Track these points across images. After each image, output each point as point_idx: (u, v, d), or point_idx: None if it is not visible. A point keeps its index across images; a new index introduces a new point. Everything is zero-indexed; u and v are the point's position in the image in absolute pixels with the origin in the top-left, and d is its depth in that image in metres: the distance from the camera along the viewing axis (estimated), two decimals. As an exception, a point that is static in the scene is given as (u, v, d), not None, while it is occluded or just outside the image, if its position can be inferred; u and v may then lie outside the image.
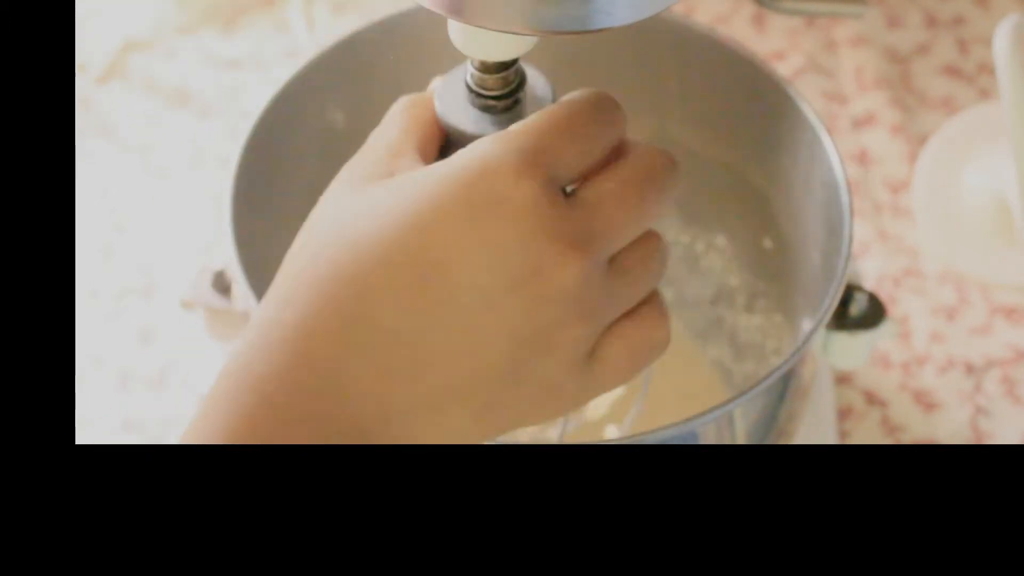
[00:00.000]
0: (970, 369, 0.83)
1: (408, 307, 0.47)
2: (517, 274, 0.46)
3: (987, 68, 0.96)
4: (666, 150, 0.50)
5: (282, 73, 0.73)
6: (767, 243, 0.78)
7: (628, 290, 0.49)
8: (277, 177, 0.74)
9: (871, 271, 0.87)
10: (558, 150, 0.48)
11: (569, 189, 0.49)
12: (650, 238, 0.50)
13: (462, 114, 0.53)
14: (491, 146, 0.47)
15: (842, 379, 0.83)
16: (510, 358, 0.47)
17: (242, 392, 0.47)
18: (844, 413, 0.82)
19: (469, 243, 0.46)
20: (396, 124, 0.53)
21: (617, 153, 0.50)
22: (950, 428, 0.81)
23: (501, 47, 0.52)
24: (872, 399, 0.83)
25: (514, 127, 0.48)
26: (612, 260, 0.49)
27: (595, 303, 0.48)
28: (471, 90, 0.54)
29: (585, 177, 0.49)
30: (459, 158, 0.48)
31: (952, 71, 0.97)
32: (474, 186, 0.46)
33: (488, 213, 0.46)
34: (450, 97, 0.53)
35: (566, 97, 0.50)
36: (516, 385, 0.48)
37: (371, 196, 0.49)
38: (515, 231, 0.46)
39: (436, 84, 0.55)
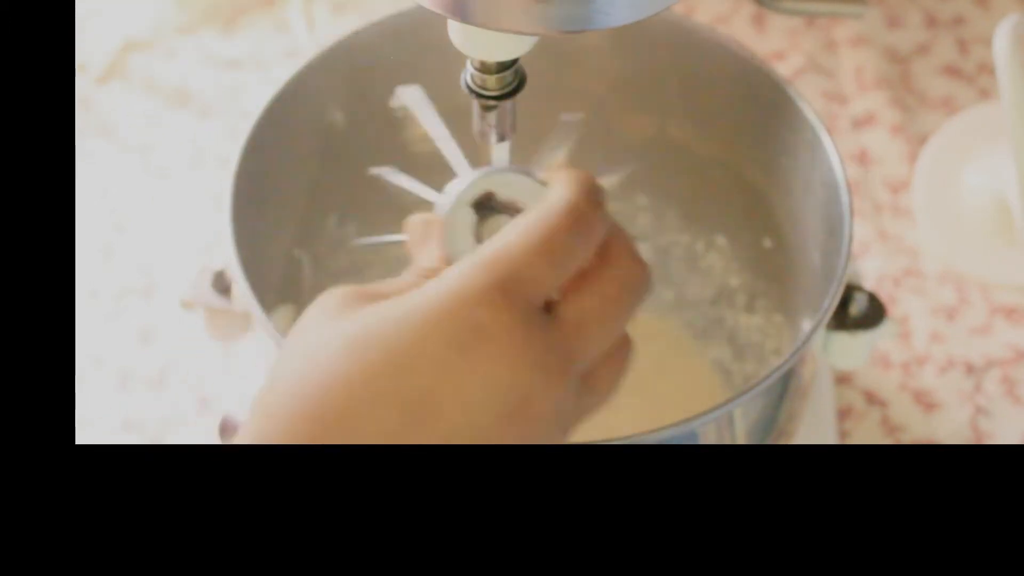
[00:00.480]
0: (970, 369, 0.83)
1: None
2: (508, 406, 0.45)
3: (987, 68, 0.96)
4: (639, 257, 0.49)
5: (282, 73, 0.73)
6: (767, 243, 0.78)
7: (597, 399, 0.49)
8: (277, 177, 0.74)
9: (871, 271, 0.87)
10: (536, 274, 0.46)
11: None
12: (622, 347, 0.49)
13: (464, 243, 0.52)
14: (469, 277, 0.46)
15: (842, 379, 0.83)
16: None
17: None
18: (844, 413, 0.82)
19: (459, 380, 0.45)
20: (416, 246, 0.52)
21: (598, 254, 0.48)
22: (950, 428, 0.81)
23: (501, 47, 0.52)
24: (872, 399, 0.83)
25: (490, 250, 0.47)
26: (584, 377, 0.48)
27: (572, 415, 0.48)
28: (471, 90, 0.54)
29: (564, 289, 0.48)
30: (437, 289, 0.46)
31: (952, 71, 0.97)
32: (457, 319, 0.45)
33: (475, 347, 0.45)
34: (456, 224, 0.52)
35: (544, 205, 0.48)
36: None
37: (357, 325, 0.46)
38: (504, 364, 0.45)
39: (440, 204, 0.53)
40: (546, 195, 0.49)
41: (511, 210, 0.51)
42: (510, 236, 0.47)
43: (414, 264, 0.52)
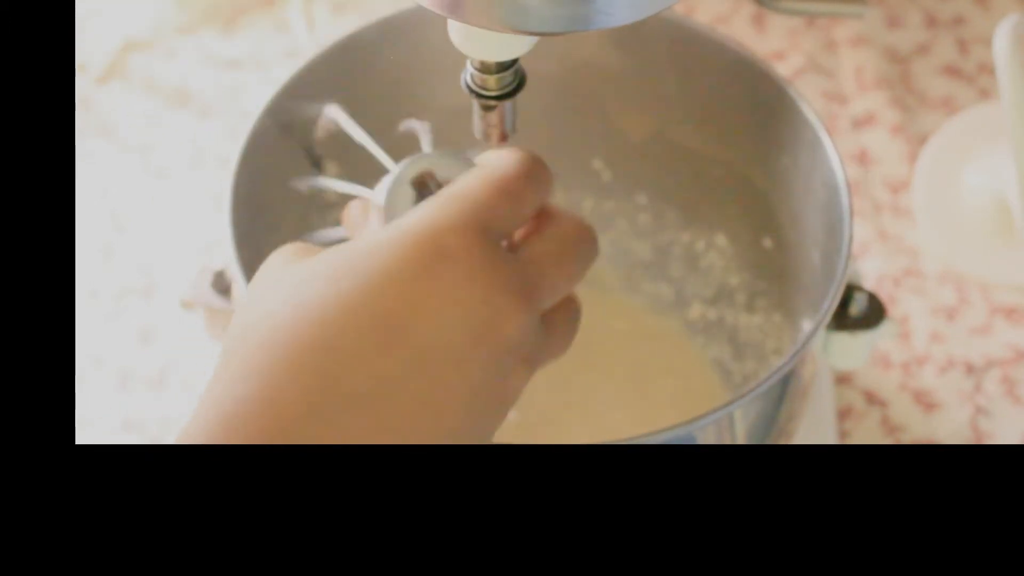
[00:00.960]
0: (970, 369, 0.83)
1: (375, 371, 0.46)
2: (476, 327, 0.47)
3: (987, 68, 0.96)
4: (585, 221, 0.52)
5: (282, 73, 0.73)
6: (767, 243, 0.78)
7: (555, 342, 0.51)
8: (277, 177, 0.74)
9: (871, 271, 0.87)
10: (496, 208, 0.49)
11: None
12: (572, 300, 0.52)
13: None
14: (436, 207, 0.48)
15: (842, 379, 0.83)
16: (467, 414, 0.47)
17: None
18: (844, 413, 0.82)
19: (432, 301, 0.46)
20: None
21: (542, 216, 0.51)
22: (950, 428, 0.81)
23: (501, 47, 0.52)
24: (872, 399, 0.83)
25: (449, 189, 0.49)
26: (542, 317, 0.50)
27: (533, 351, 0.49)
28: (471, 90, 0.54)
29: (517, 236, 0.51)
30: (406, 221, 0.48)
31: (952, 71, 0.97)
32: (427, 245, 0.47)
33: (443, 270, 0.46)
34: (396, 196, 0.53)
35: (494, 158, 0.51)
36: (468, 439, 0.48)
37: (322, 262, 0.48)
38: (474, 286, 0.47)
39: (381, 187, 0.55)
40: (493, 155, 0.51)
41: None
42: (469, 179, 0.49)
43: None
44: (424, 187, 0.53)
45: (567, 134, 0.81)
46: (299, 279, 0.48)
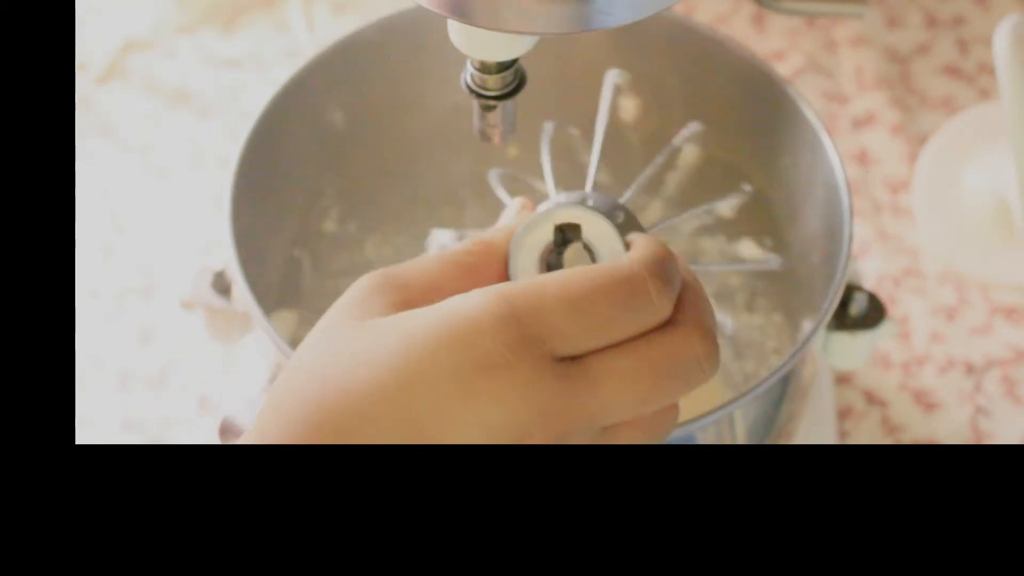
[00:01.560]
0: (970, 369, 0.83)
1: None
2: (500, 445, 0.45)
3: (987, 68, 0.96)
4: (707, 334, 0.47)
5: (282, 73, 0.73)
6: (767, 243, 0.78)
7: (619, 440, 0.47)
8: (277, 177, 0.74)
9: (871, 271, 0.87)
10: (561, 326, 0.44)
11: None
12: (659, 415, 0.47)
13: (527, 260, 0.51)
14: (490, 305, 0.44)
15: (842, 379, 0.83)
16: None
17: None
18: (844, 413, 0.82)
19: (454, 412, 0.44)
20: (441, 258, 0.50)
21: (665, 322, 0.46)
22: (950, 428, 0.81)
23: (501, 47, 0.52)
24: (872, 399, 0.83)
25: (522, 287, 0.45)
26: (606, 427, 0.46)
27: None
28: (471, 90, 0.54)
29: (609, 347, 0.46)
30: (454, 311, 0.45)
31: (952, 71, 0.97)
32: (464, 349, 0.44)
33: (476, 381, 0.44)
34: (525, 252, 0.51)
35: (602, 266, 0.46)
36: None
37: (372, 343, 0.45)
38: (502, 403, 0.44)
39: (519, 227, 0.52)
40: (615, 257, 0.47)
41: (587, 249, 0.50)
42: (549, 281, 0.45)
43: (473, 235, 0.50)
44: (567, 234, 0.50)
45: (567, 134, 0.81)
46: (344, 354, 0.46)
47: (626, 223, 0.51)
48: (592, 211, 0.51)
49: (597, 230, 0.50)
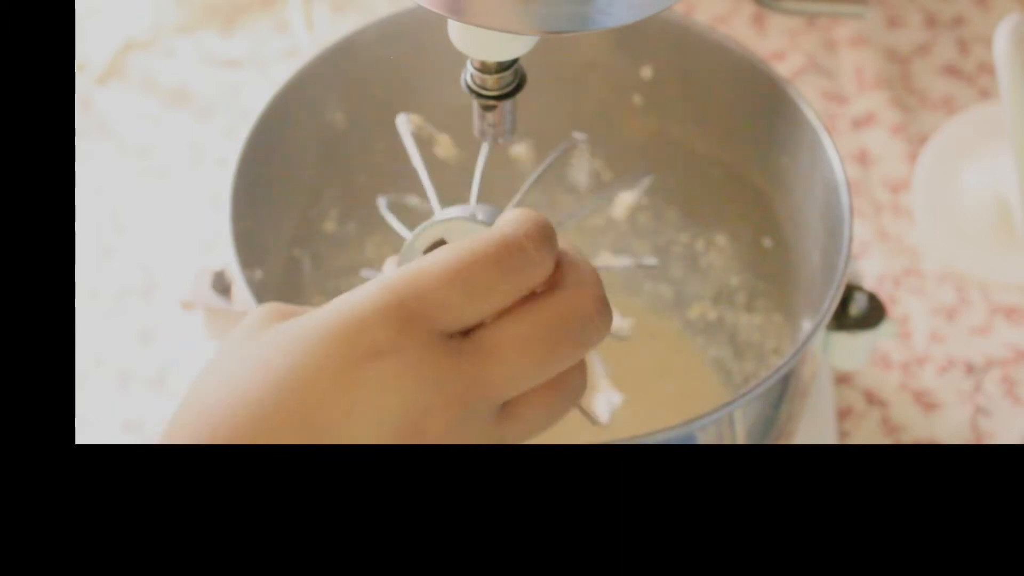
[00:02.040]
0: (970, 369, 0.83)
1: None
2: (400, 427, 0.45)
3: (987, 68, 0.96)
4: (594, 294, 0.47)
5: (282, 73, 0.73)
6: (767, 243, 0.78)
7: (519, 428, 0.47)
8: (277, 177, 0.74)
9: (871, 271, 0.87)
10: (446, 300, 0.45)
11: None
12: (561, 381, 0.47)
13: None
14: (371, 296, 0.45)
15: (842, 379, 0.83)
16: None
17: None
18: (844, 413, 0.82)
19: (352, 397, 0.44)
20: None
21: (546, 285, 0.47)
22: (950, 428, 0.81)
23: (501, 47, 0.52)
24: (872, 399, 0.83)
25: (400, 273, 0.46)
26: (507, 403, 0.46)
27: (478, 440, 0.46)
28: (471, 90, 0.54)
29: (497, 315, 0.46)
30: (340, 307, 0.45)
31: (952, 71, 0.97)
32: (355, 339, 0.44)
33: (368, 366, 0.44)
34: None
35: (474, 237, 0.47)
36: None
37: (269, 344, 0.46)
38: (397, 384, 0.44)
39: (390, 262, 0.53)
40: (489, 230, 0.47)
41: None
42: (425, 261, 0.46)
43: None
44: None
45: (567, 134, 0.81)
46: (243, 364, 0.46)
47: None
48: (460, 218, 0.51)
49: (469, 231, 0.51)
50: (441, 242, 0.51)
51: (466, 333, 0.46)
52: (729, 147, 0.78)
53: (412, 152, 0.59)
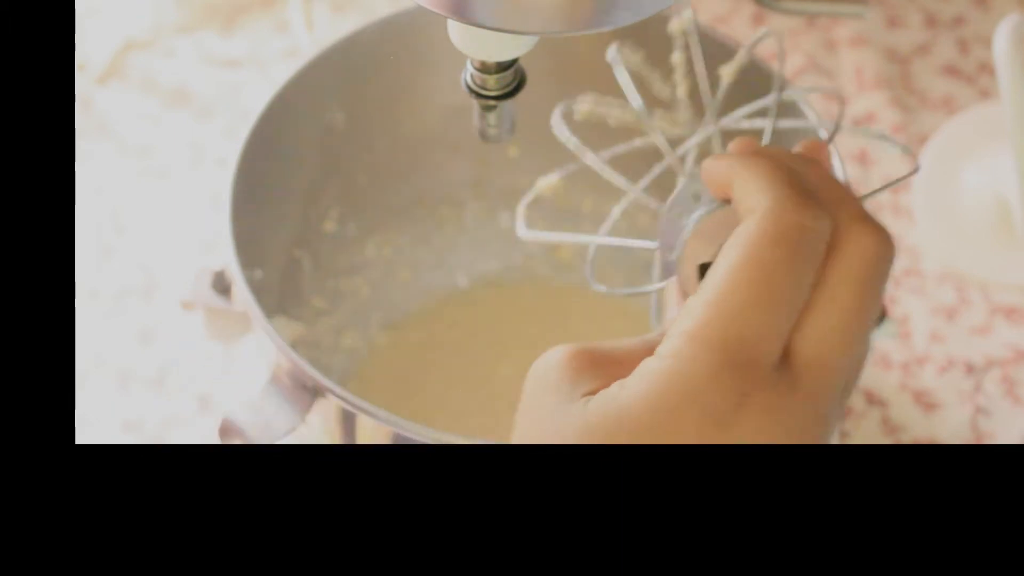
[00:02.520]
0: (970, 369, 0.83)
1: None
2: None
3: (987, 68, 0.96)
4: (872, 224, 0.42)
5: (282, 73, 0.73)
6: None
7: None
8: (277, 177, 0.74)
9: (871, 271, 0.87)
10: (760, 331, 0.41)
11: None
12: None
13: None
14: (692, 362, 0.41)
15: (842, 379, 0.83)
16: None
17: None
18: (844, 413, 0.82)
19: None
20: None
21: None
22: (950, 428, 0.81)
23: (501, 47, 0.52)
24: (872, 399, 0.83)
25: (703, 317, 0.42)
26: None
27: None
28: (471, 90, 0.54)
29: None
30: (666, 379, 0.42)
31: (952, 71, 0.97)
32: (693, 413, 0.42)
33: (719, 436, 0.42)
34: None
35: (749, 233, 0.41)
36: None
37: (599, 427, 0.43)
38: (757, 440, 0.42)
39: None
40: (745, 213, 0.43)
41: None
42: (720, 290, 0.41)
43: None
44: (704, 203, 0.48)
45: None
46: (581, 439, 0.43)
47: None
48: (721, 208, 0.47)
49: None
50: (707, 258, 0.46)
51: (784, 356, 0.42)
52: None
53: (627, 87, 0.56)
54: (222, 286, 0.71)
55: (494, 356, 0.83)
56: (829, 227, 0.42)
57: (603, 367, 0.45)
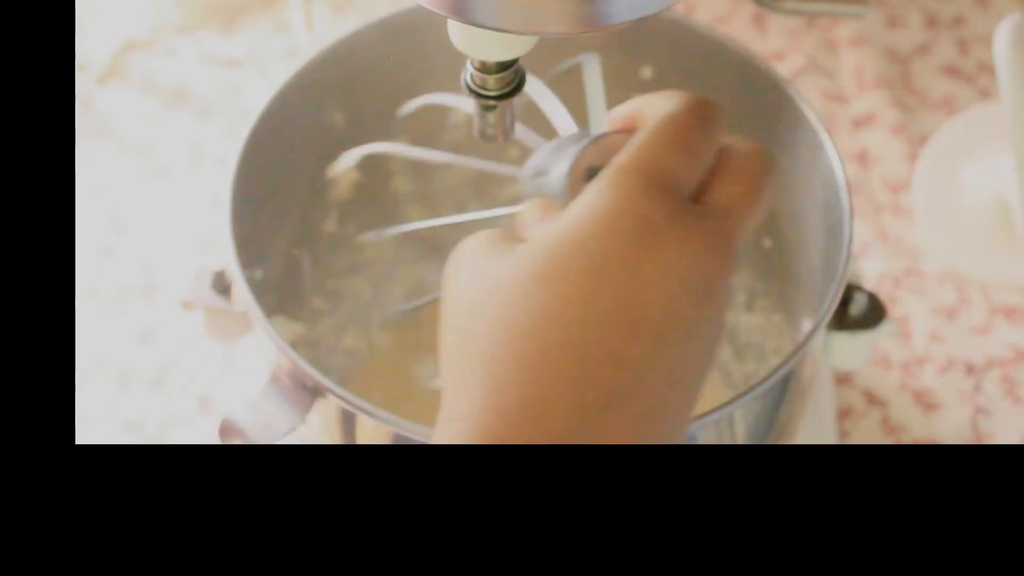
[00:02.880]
0: (970, 369, 0.83)
1: (626, 360, 0.45)
2: (698, 291, 0.46)
3: (987, 68, 0.96)
4: (759, 146, 0.50)
5: (282, 73, 0.73)
6: (767, 243, 0.78)
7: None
8: (277, 177, 0.74)
9: (871, 271, 0.87)
10: (678, 167, 0.48)
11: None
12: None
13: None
14: (622, 180, 0.47)
15: (842, 379, 0.83)
16: (701, 381, 0.48)
17: None
18: (844, 413, 0.82)
19: (654, 277, 0.45)
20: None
21: (719, 156, 0.49)
22: (950, 428, 0.81)
23: (501, 47, 0.52)
24: (872, 399, 0.83)
25: (628, 155, 0.48)
26: None
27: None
28: (471, 90, 0.54)
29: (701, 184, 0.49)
30: (595, 200, 0.47)
31: (952, 71, 0.97)
32: (630, 221, 0.46)
33: (655, 243, 0.46)
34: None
35: (667, 108, 0.49)
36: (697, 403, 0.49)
37: (531, 260, 0.47)
38: (685, 252, 0.46)
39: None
40: (661, 104, 0.49)
41: None
42: (641, 139, 0.48)
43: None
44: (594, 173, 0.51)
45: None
46: (517, 280, 0.47)
47: None
48: (595, 136, 0.52)
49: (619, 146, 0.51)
50: (595, 169, 0.51)
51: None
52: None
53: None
54: (222, 286, 0.71)
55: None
56: (724, 118, 0.49)
57: (518, 231, 0.50)
